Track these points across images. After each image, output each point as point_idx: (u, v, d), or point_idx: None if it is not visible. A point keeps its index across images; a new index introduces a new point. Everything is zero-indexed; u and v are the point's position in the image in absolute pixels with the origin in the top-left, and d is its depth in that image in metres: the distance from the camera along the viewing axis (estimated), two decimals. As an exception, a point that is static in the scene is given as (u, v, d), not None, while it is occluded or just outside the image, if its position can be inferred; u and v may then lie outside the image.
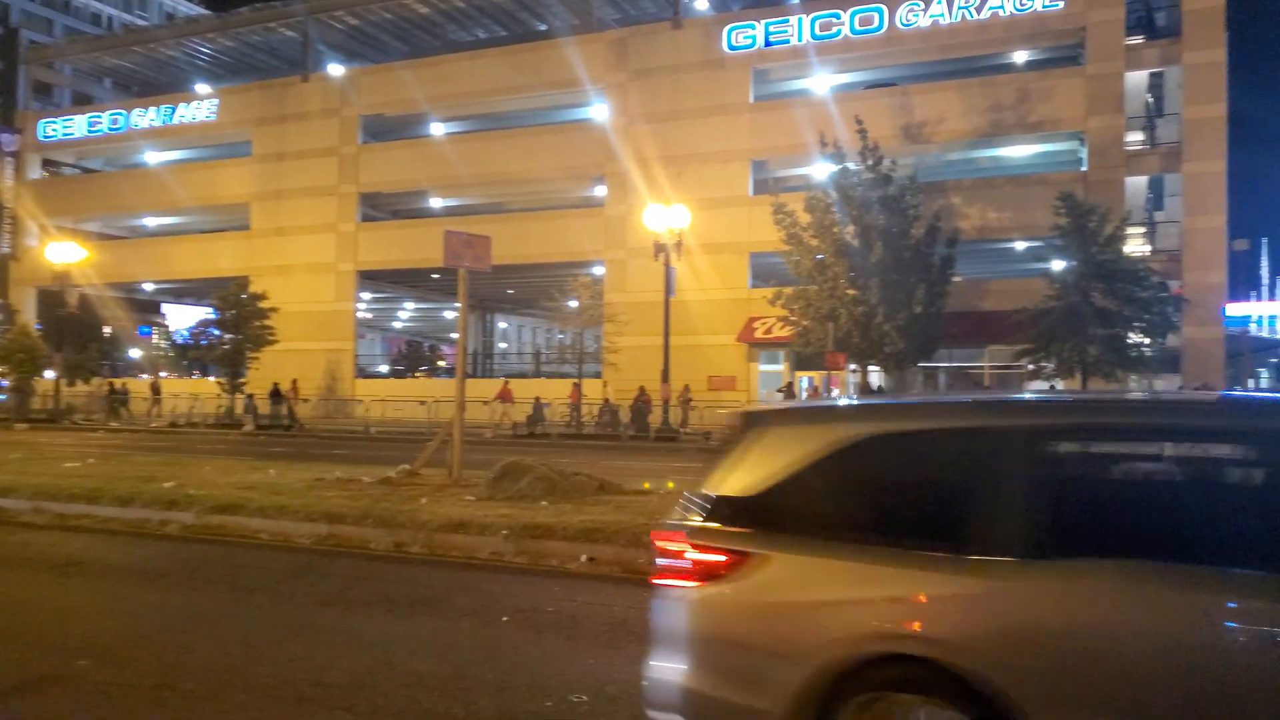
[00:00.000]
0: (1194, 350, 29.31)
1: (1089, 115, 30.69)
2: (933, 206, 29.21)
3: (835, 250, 27.41)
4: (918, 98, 32.76)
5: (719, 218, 34.00)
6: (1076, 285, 24.89)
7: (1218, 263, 29.85)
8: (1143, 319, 25.09)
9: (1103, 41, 30.60)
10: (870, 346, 27.13)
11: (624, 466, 18.06)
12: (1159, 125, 32.19)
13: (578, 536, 9.15)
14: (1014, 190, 32.07)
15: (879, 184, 27.57)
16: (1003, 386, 30.41)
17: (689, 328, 33.26)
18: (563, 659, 6.07)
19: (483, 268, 13.98)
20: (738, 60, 35.53)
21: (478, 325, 53.04)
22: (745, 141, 35.21)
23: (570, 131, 39.34)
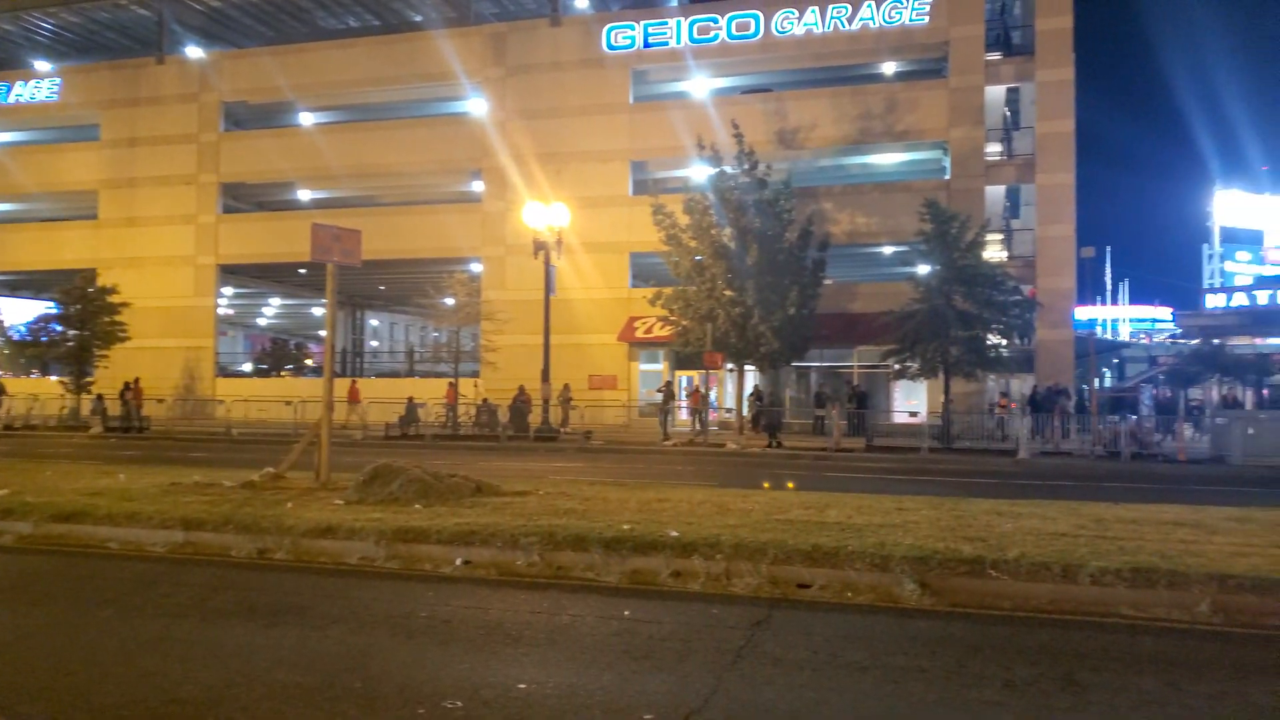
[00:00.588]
0: (1046, 351, 31.11)
1: (951, 126, 32.12)
2: (806, 211, 29.95)
3: (713, 252, 27.73)
4: (792, 104, 33.54)
5: (599, 217, 33.93)
6: (939, 289, 25.92)
7: (1068, 269, 31.75)
8: (1000, 321, 26.36)
9: (964, 56, 32.10)
10: (747, 346, 27.58)
11: (502, 467, 17.70)
12: (1015, 138, 34.04)
13: (453, 540, 8.82)
14: (882, 197, 33.23)
15: (755, 188, 28.09)
16: (870, 385, 31.48)
17: (570, 326, 33.01)
18: (436, 664, 5.79)
19: (353, 263, 13.34)
20: (617, 60, 35.53)
21: (347, 322, 51.22)
22: (625, 141, 35.25)
23: (446, 125, 38.50)
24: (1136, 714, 4.90)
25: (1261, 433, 21.57)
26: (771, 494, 12.18)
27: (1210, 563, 7.46)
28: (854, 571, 7.73)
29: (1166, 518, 10.06)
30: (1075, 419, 26.60)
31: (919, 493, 12.96)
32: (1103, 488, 15.65)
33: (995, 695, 5.17)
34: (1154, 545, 8.26)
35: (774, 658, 5.84)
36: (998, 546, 8.09)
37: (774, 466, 20.22)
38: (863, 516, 9.89)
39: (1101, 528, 9.30)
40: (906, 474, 18.52)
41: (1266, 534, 9.00)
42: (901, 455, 23.46)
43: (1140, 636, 6.42)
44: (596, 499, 11.29)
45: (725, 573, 7.96)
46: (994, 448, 25.01)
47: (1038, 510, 10.60)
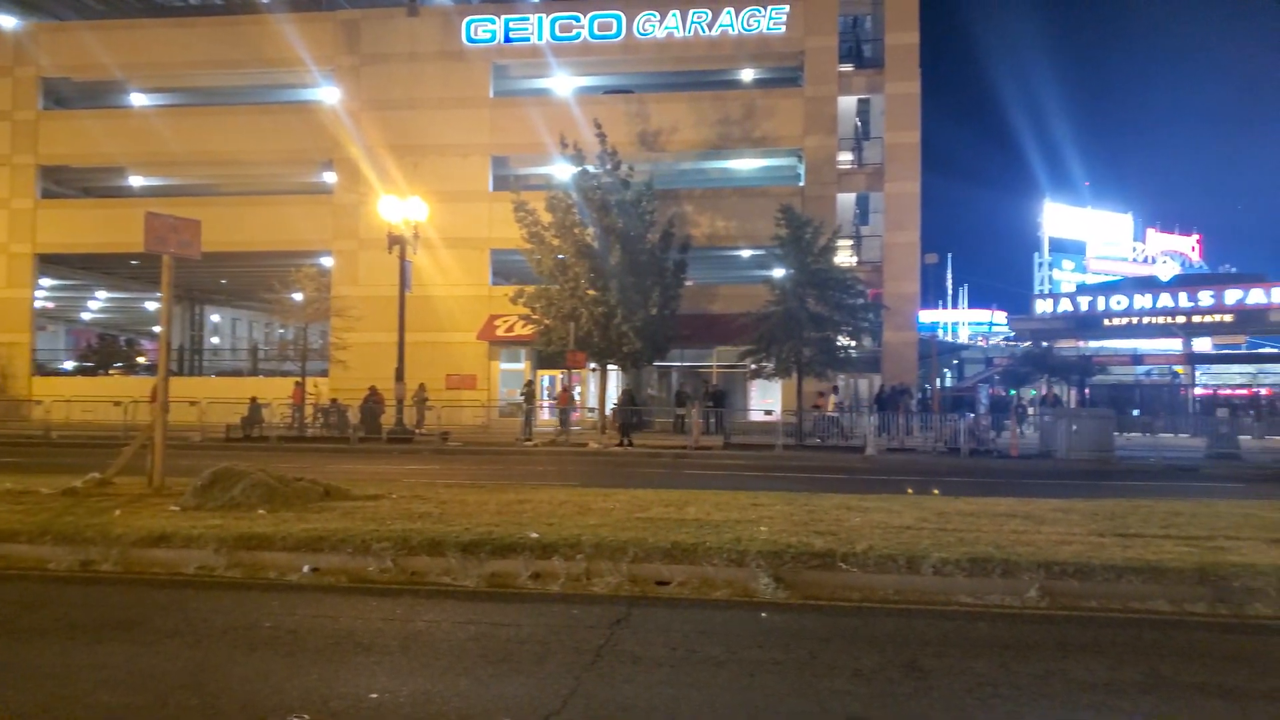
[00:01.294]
0: (892, 352, 32.67)
1: (806, 134, 33.25)
2: (668, 213, 30.34)
3: (576, 251, 27.69)
4: (654, 106, 33.89)
5: (459, 212, 33.28)
6: (794, 292, 26.77)
7: (912, 274, 33.44)
8: (850, 324, 27.48)
9: (819, 66, 33.29)
10: (609, 346, 27.69)
11: (354, 470, 17.07)
12: (865, 147, 35.55)
13: (300, 546, 8.40)
14: (740, 201, 34.05)
15: (618, 188, 28.24)
16: (728, 384, 32.20)
17: (426, 324, 32.24)
18: (281, 677, 5.47)
19: (191, 254, 12.53)
20: (477, 54, 34.96)
21: (185, 318, 48.25)
22: (485, 136, 34.73)
23: (295, 113, 36.82)
24: (971, 696, 5.15)
25: (1083, 429, 23.32)
26: (632, 492, 12.22)
27: (1039, 551, 7.96)
28: (712, 567, 7.83)
29: (1000, 510, 10.69)
30: (918, 417, 28.01)
31: (774, 488, 13.29)
32: (944, 482, 16.51)
33: (845, 684, 5.33)
34: (989, 536, 8.74)
35: (633, 656, 5.84)
36: (847, 540, 8.36)
37: (635, 465, 20.35)
38: (720, 513, 10.05)
39: (942, 520, 9.77)
40: (762, 470, 19.00)
41: (1087, 523, 9.70)
42: (757, 452, 24.08)
43: (977, 622, 6.77)
44: (454, 502, 11.03)
45: (586, 573, 7.92)
46: (844, 444, 26.05)
47: (884, 504, 11.06)
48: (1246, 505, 11.49)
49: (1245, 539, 8.73)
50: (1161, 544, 8.41)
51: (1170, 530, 9.22)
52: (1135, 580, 7.36)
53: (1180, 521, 9.81)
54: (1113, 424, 24.66)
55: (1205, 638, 6.39)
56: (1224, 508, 11.14)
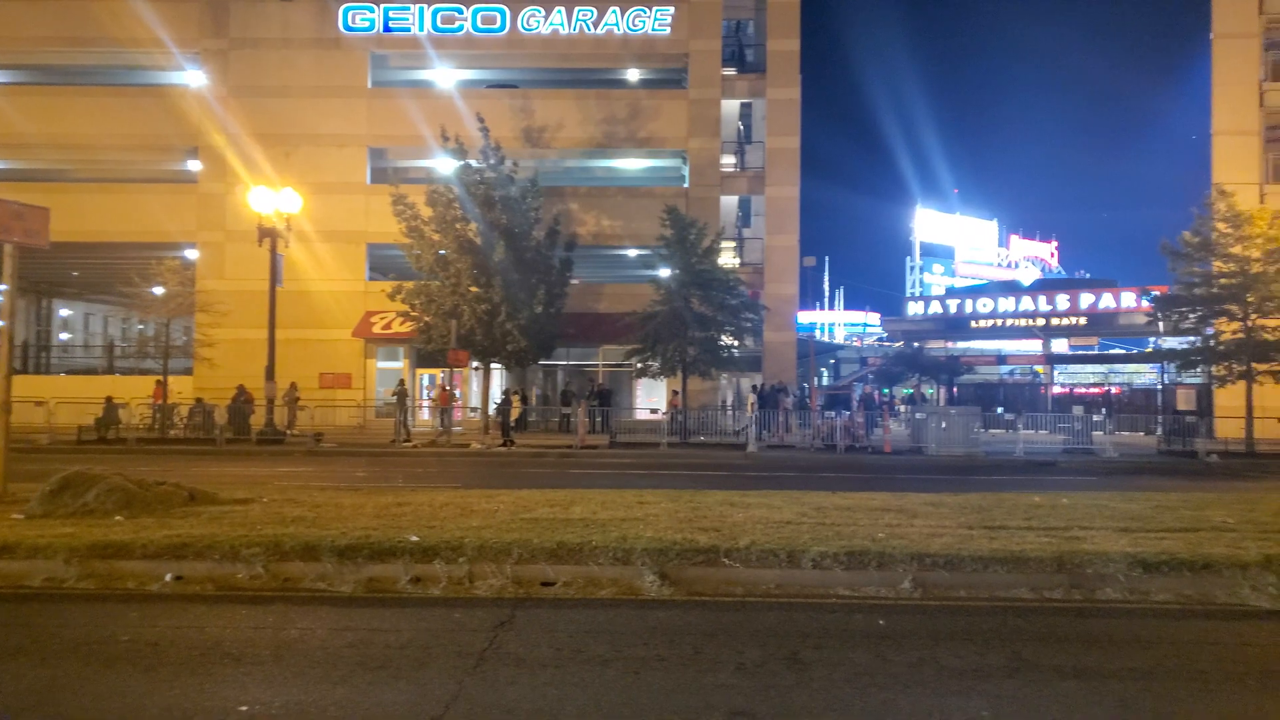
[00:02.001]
0: (772, 352, 33.44)
1: (690, 136, 33.65)
2: (553, 210, 30.16)
3: (458, 246, 27.17)
4: (539, 102, 33.64)
5: (334, 204, 32.21)
6: (679, 292, 27.07)
7: (792, 276, 34.31)
8: (733, 324, 27.97)
9: (703, 69, 33.74)
10: (493, 344, 27.28)
11: (221, 473, 16.27)
12: (748, 151, 36.19)
13: (162, 553, 7.92)
14: (626, 201, 34.17)
15: (502, 183, 27.87)
16: (614, 383, 32.27)
17: (300, 320, 31.05)
18: (140, 693, 5.15)
19: (38, 244, 11.64)
20: (355, 42, 33.90)
21: (31, 312, 44.95)
22: (363, 127, 33.70)
23: (156, 96, 34.62)
24: (849, 685, 5.29)
25: (951, 426, 24.46)
26: (517, 493, 12.07)
27: (912, 544, 8.26)
28: (597, 566, 7.81)
29: (875, 504, 11.05)
30: (797, 414, 28.74)
31: (659, 486, 13.38)
32: (822, 478, 16.99)
33: (728, 678, 5.40)
34: (865, 530, 9.02)
35: (517, 658, 5.77)
36: (730, 536, 8.48)
37: (519, 466, 20.15)
38: (606, 512, 10.04)
39: (821, 515, 10.03)
40: (648, 469, 19.11)
41: (956, 516, 10.14)
42: (643, 450, 24.23)
43: (854, 614, 6.97)
44: (329, 505, 10.64)
45: (468, 575, 7.77)
46: (726, 441, 26.48)
47: (765, 500, 11.27)
48: (1099, 497, 12.26)
49: (1098, 529, 9.29)
50: (1024, 535, 8.86)
51: (1032, 522, 9.72)
52: (1000, 570, 7.72)
53: (1040, 514, 10.36)
54: (978, 421, 25.94)
55: (1063, 622, 6.76)
56: (1079, 499, 11.84)
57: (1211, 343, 27.37)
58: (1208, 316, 27.02)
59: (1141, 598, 7.43)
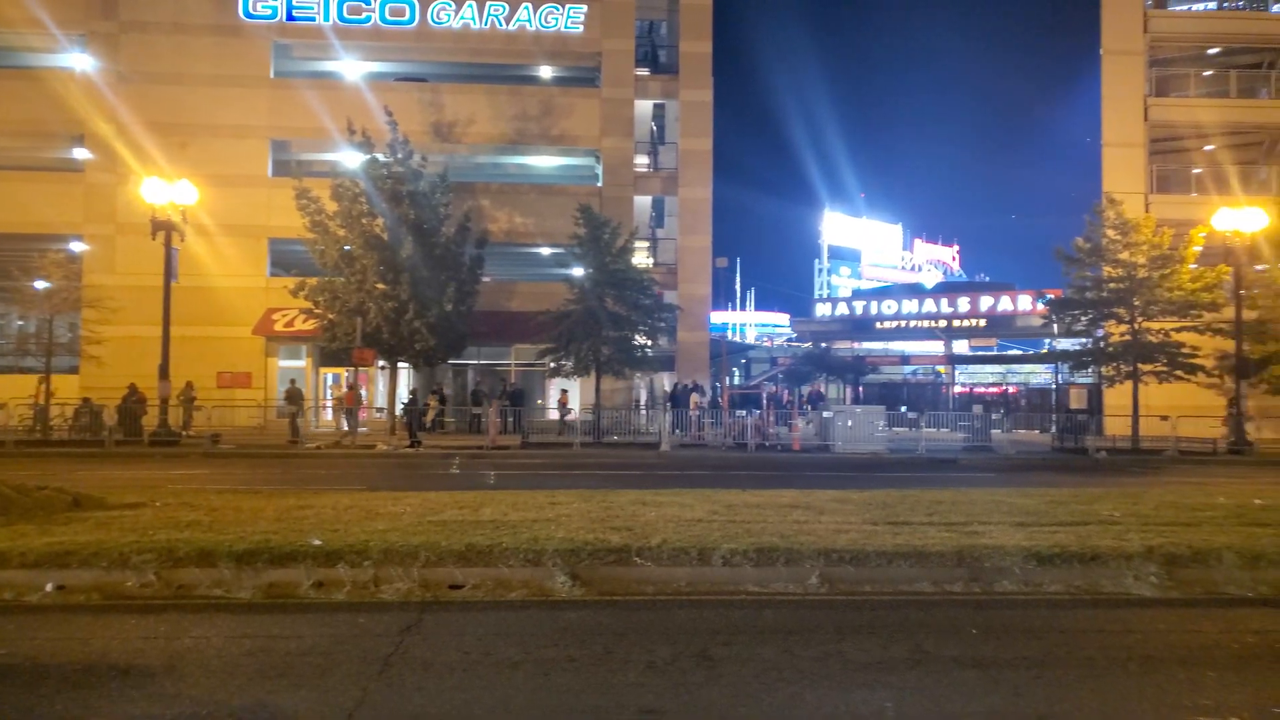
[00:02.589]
0: (686, 351, 33.72)
1: (604, 135, 33.63)
2: (463, 207, 29.74)
3: (365, 242, 26.55)
4: (449, 97, 33.14)
5: (234, 197, 31.07)
6: (593, 291, 27.03)
7: (705, 277, 34.62)
8: (647, 323, 28.08)
9: (615, 69, 33.75)
10: (401, 343, 26.72)
11: (110, 477, 15.50)
12: (661, 152, 36.37)
13: (43, 562, 7.48)
14: (539, 198, 33.95)
15: (411, 178, 27.36)
16: (527, 382, 32.02)
17: (196, 317, 29.85)
18: (15, 712, 4.84)
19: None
20: (256, 30, 32.78)
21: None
22: (265, 118, 32.61)
23: (36, 80, 32.59)
24: (758, 681, 5.34)
25: (857, 425, 25.08)
26: (425, 495, 11.84)
27: (819, 540, 8.41)
28: (508, 568, 7.71)
29: (784, 501, 11.22)
30: (710, 414, 29.03)
31: (572, 486, 13.31)
32: (734, 476, 17.19)
33: (638, 677, 5.38)
34: (775, 527, 9.15)
35: (424, 662, 5.66)
36: (642, 535, 8.49)
37: (428, 467, 19.78)
38: (517, 513, 9.93)
39: (732, 513, 10.14)
40: (560, 469, 19.00)
41: (862, 512, 10.37)
42: (556, 451, 24.10)
43: (763, 610, 7.04)
44: (226, 509, 10.24)
45: (374, 579, 7.58)
46: (639, 441, 26.56)
47: (677, 499, 11.33)
48: (997, 493, 12.71)
49: (995, 523, 9.63)
50: (926, 530, 9.11)
51: (934, 517, 10.01)
52: (904, 564, 7.92)
53: (942, 509, 10.68)
54: (883, 419, 26.65)
55: (962, 614, 6.97)
56: (978, 495, 12.26)
57: (1101, 344, 28.78)
58: (1098, 319, 28.39)
59: (1035, 589, 7.72)
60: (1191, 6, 37.12)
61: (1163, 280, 26.60)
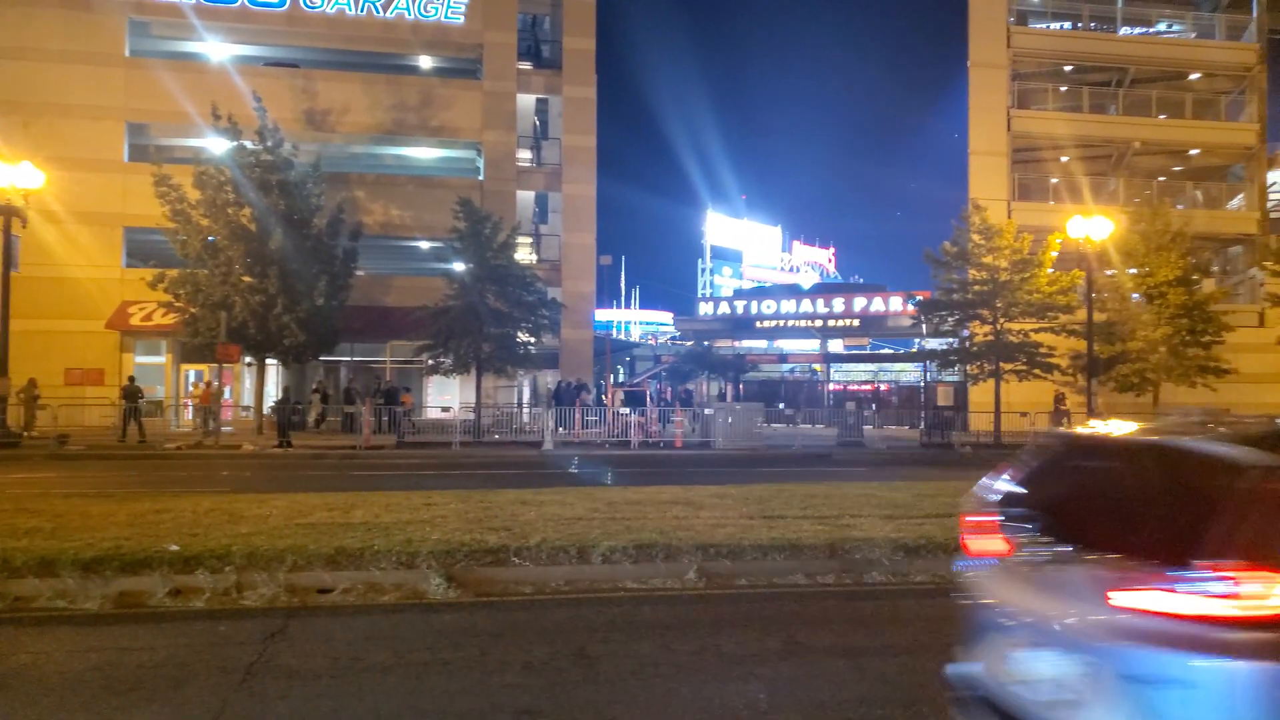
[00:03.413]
0: (570, 349, 33.58)
1: (485, 128, 33.11)
2: (336, 198, 28.70)
3: (230, 233, 25.30)
4: (322, 84, 31.99)
5: (86, 182, 29.13)
6: (473, 286, 26.56)
7: (589, 274, 34.55)
8: (530, 320, 27.77)
9: (498, 62, 33.28)
10: (268, 339, 25.58)
11: (-58, 480, 14.27)
12: (544, 147, 36.06)
13: None
14: (417, 190, 33.14)
15: (281, 167, 26.21)
16: (403, 380, 31.22)
17: (42, 310, 27.86)
18: None
19: None
20: (109, 6, 30.77)
21: None
22: (120, 99, 30.65)
23: None
24: (635, 678, 5.34)
25: (737, 421, 25.54)
26: (294, 497, 11.38)
27: (697, 535, 8.50)
28: (380, 571, 7.50)
29: (664, 498, 11.30)
30: (594, 411, 29.01)
31: (450, 487, 13.06)
32: (616, 473, 17.20)
33: (515, 678, 5.31)
34: (654, 523, 9.19)
35: (289, 670, 5.44)
36: (521, 535, 8.40)
37: (297, 468, 19.04)
38: (391, 514, 9.68)
39: (612, 510, 10.14)
40: (438, 469, 18.61)
41: (739, 507, 10.54)
42: (434, 451, 23.59)
43: (642, 606, 7.06)
44: (73, 514, 9.58)
45: (236, 586, 7.25)
46: (522, 439, 26.29)
47: (557, 498, 11.26)
48: (868, 487, 13.15)
49: (865, 516, 9.95)
50: (800, 524, 9.33)
51: (808, 511, 10.27)
52: (779, 558, 8.09)
53: (816, 503, 10.97)
54: (761, 416, 27.25)
55: (834, 605, 7.17)
56: (850, 490, 12.64)
57: (966, 344, 30.23)
58: (964, 320, 29.81)
59: (903, 579, 8.01)
60: (1050, 25, 39.36)
61: (1023, 284, 28.12)
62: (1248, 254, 37.55)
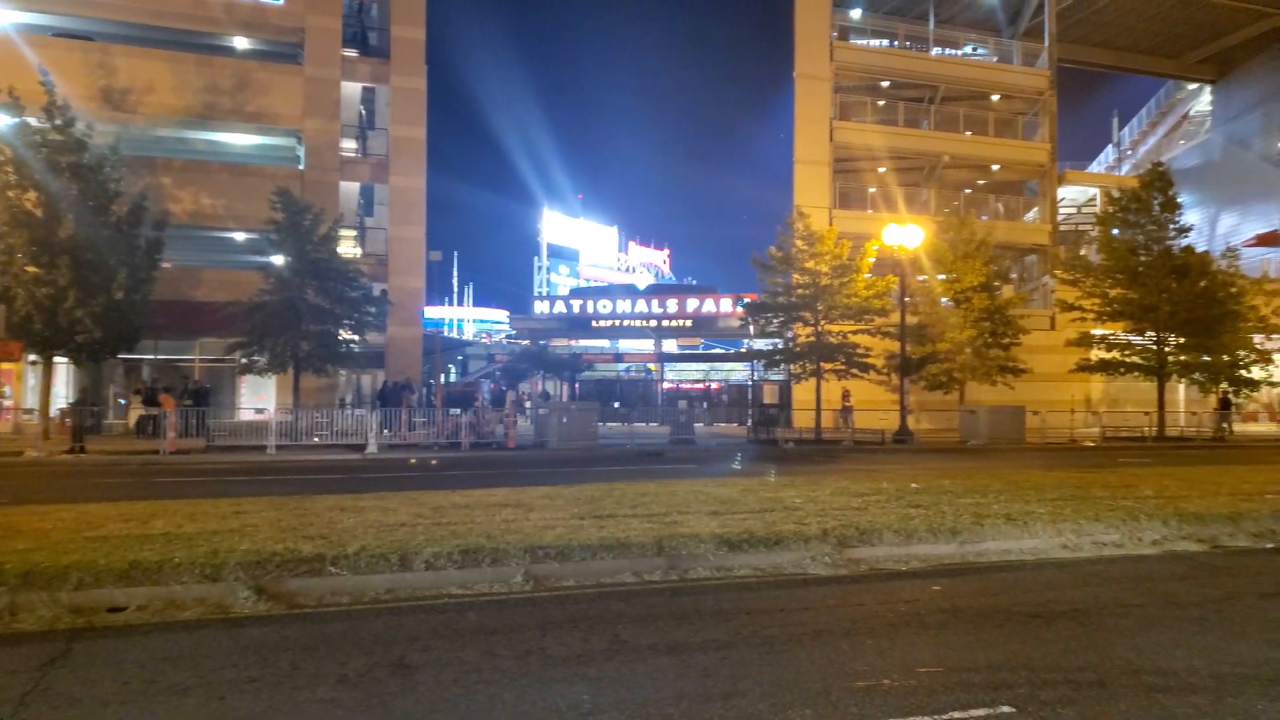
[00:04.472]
0: (396, 347, 32.50)
1: (306, 116, 31.58)
2: (139, 184, 26.61)
3: (12, 218, 22.88)
4: (122, 60, 29.59)
5: None
6: (292, 281, 25.26)
7: (418, 270, 33.59)
8: (353, 317, 26.67)
9: (320, 47, 31.82)
10: (58, 334, 23.28)
11: None
12: (371, 137, 34.81)
13: None
14: (231, 178, 31.23)
15: (71, 148, 23.92)
16: (214, 380, 29.32)
17: None
18: None
19: None
20: None
21: None
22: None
23: None
24: (457, 685, 5.17)
25: (572, 421, 25.49)
26: (84, 508, 10.42)
27: (526, 538, 8.37)
28: (181, 585, 6.96)
29: (494, 500, 11.09)
30: (422, 412, 28.22)
31: (263, 493, 12.35)
32: (445, 476, 16.78)
33: (329, 693, 5.03)
34: (482, 527, 8.99)
35: (71, 698, 4.94)
36: (339, 543, 8.03)
37: (90, 476, 17.48)
38: (195, 524, 9.03)
39: (438, 515, 9.85)
40: (251, 474, 17.56)
41: (570, 508, 10.48)
42: (247, 455, 22.26)
43: (466, 612, 6.87)
44: None
45: (10, 608, 6.55)
46: (344, 442, 25.20)
47: (380, 503, 10.84)
48: (696, 484, 13.40)
49: (693, 513, 10.12)
50: (630, 522, 9.37)
51: (638, 510, 10.34)
52: (607, 557, 8.09)
53: (646, 501, 11.06)
54: (596, 415, 27.33)
55: (659, 602, 7.22)
56: (679, 487, 12.84)
57: (790, 344, 31.48)
58: (788, 321, 31.04)
59: (727, 574, 8.18)
60: (870, 42, 41.61)
61: (842, 288, 29.59)
62: (1041, 263, 41.04)
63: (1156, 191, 31.26)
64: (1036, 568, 8.60)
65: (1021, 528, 9.54)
